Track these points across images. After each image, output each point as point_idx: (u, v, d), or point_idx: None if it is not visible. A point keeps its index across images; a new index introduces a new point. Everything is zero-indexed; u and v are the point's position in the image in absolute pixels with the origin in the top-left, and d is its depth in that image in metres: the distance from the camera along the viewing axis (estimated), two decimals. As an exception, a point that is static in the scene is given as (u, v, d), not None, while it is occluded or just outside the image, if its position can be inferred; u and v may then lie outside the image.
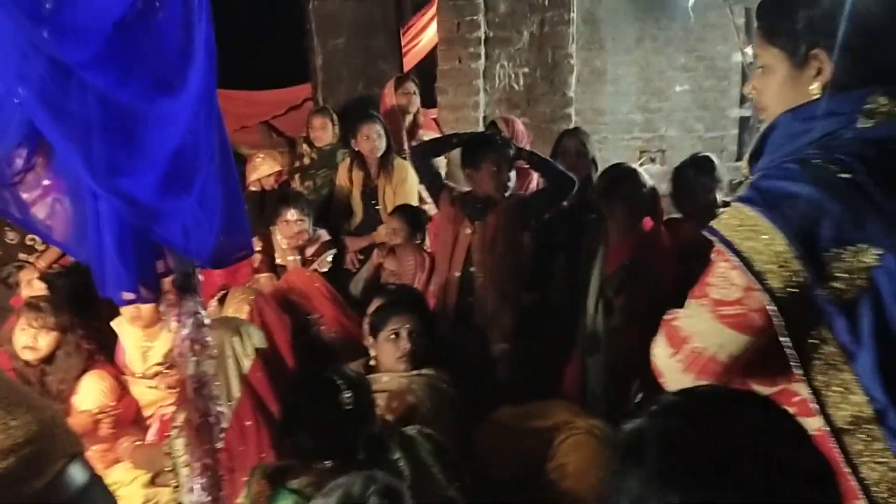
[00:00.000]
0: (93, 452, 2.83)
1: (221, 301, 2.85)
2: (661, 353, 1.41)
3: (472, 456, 2.38)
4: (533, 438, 2.43)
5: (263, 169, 4.37)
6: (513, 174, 3.29)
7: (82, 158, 1.28)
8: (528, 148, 4.05)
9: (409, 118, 4.69)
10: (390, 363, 2.54)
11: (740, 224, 1.27)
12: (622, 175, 3.17)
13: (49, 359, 2.98)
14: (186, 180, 1.44)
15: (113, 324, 3.29)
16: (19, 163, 1.50)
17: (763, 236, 1.24)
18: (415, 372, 2.51)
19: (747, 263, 1.24)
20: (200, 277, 1.64)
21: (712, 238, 1.31)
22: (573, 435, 2.41)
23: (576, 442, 2.40)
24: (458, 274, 3.19)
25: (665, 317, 1.42)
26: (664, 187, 3.45)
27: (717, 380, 1.33)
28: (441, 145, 3.59)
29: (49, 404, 1.30)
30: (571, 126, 4.86)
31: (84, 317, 3.55)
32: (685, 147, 8.07)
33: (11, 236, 3.94)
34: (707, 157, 3.36)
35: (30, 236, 3.82)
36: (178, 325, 1.62)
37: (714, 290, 1.31)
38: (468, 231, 3.21)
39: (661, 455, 0.86)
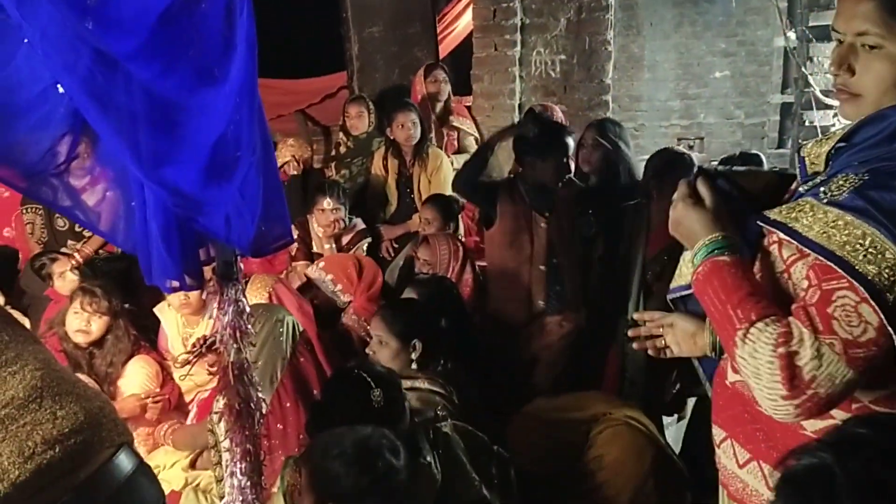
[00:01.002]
0: (137, 436, 2.90)
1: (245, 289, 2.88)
2: (767, 391, 1.19)
3: (505, 450, 2.37)
4: (569, 430, 2.42)
5: (283, 153, 4.39)
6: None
7: (128, 149, 1.30)
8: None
9: (439, 106, 4.68)
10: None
11: (854, 241, 1.10)
12: (675, 158, 3.14)
13: (99, 342, 3.05)
14: (229, 171, 1.45)
15: (156, 310, 3.36)
16: (64, 152, 1.53)
17: (888, 256, 1.07)
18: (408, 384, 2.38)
19: (877, 297, 1.07)
20: (241, 265, 1.66)
21: (816, 254, 1.14)
22: (610, 426, 2.40)
23: (613, 433, 2.39)
24: (543, 267, 3.19)
25: (779, 349, 1.18)
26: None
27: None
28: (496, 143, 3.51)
29: (97, 394, 1.31)
30: (608, 113, 4.82)
31: (129, 303, 3.64)
32: (724, 134, 7.96)
33: (61, 223, 4.02)
34: (756, 154, 3.32)
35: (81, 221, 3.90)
36: (219, 313, 1.65)
37: (841, 327, 1.13)
38: (543, 224, 3.22)
39: (858, 499, 0.77)
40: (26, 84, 1.51)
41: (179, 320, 3.29)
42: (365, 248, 3.92)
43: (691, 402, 3.12)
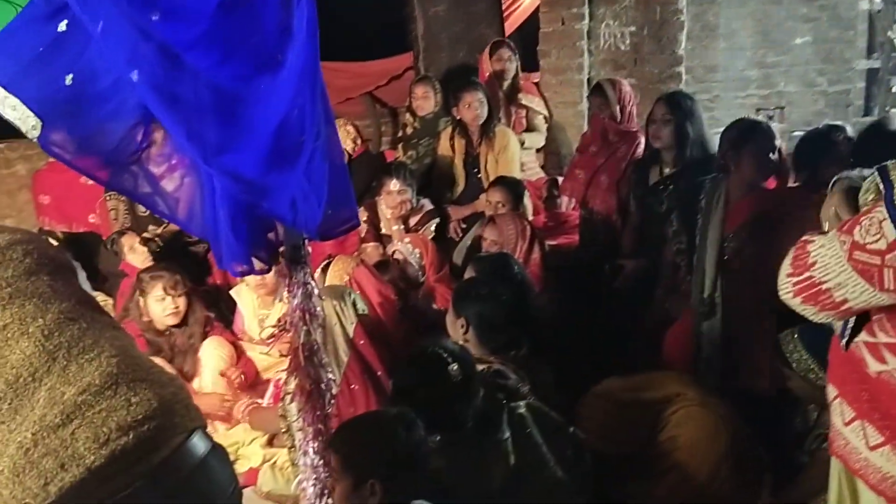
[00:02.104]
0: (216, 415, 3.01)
1: (325, 270, 2.93)
2: (783, 269, 1.45)
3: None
4: (641, 411, 2.38)
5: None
6: None
7: (188, 137, 1.33)
8: (634, 110, 3.95)
9: (506, 84, 4.62)
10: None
11: None
12: (751, 127, 3.02)
13: (178, 324, 3.17)
14: (292, 155, 1.47)
15: (232, 292, 3.46)
16: (137, 141, 1.58)
17: None
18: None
19: None
20: (309, 249, 1.68)
21: (879, 181, 1.31)
22: (685, 407, 2.35)
23: (687, 414, 2.34)
24: None
25: (804, 236, 1.45)
26: (783, 147, 3.25)
27: (820, 313, 1.39)
28: None
29: (171, 380, 1.34)
30: (681, 86, 4.67)
31: (205, 284, 3.77)
32: (806, 103, 7.61)
33: (143, 209, 4.17)
34: (841, 125, 3.17)
35: (160, 207, 4.03)
36: (288, 296, 1.68)
37: (860, 231, 1.30)
38: None
39: None
40: (100, 74, 1.56)
41: (255, 301, 3.38)
42: (433, 228, 3.93)
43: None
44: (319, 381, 1.73)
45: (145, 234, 3.93)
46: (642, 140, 3.71)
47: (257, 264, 1.58)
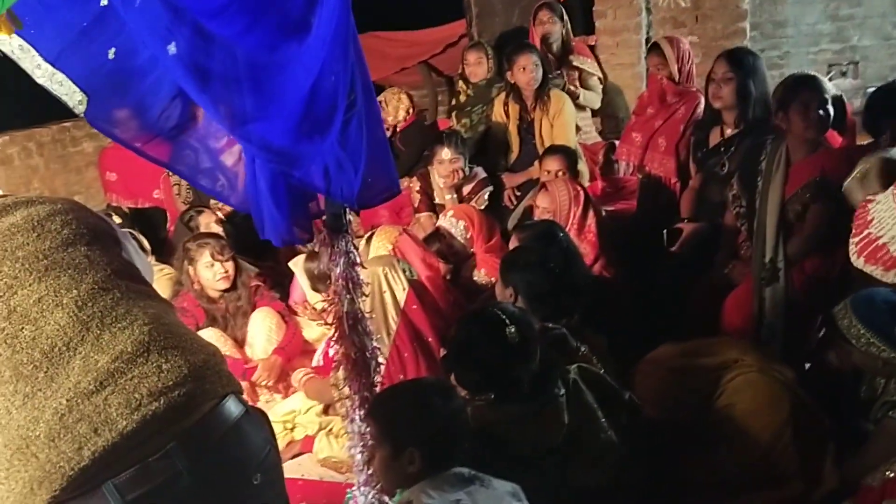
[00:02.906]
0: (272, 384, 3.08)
1: (368, 241, 2.93)
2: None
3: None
4: (697, 377, 2.32)
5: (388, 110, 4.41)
6: None
7: (215, 107, 1.33)
8: (693, 69, 3.80)
9: (555, 46, 4.51)
10: None
11: None
12: (799, 81, 2.87)
13: (227, 289, 3.26)
14: (324, 124, 1.45)
15: (291, 264, 3.50)
16: (175, 115, 1.59)
17: None
18: None
19: None
20: (350, 218, 1.68)
21: None
22: (743, 374, 2.28)
23: (746, 381, 2.27)
24: None
25: (867, 196, 1.49)
26: (857, 104, 3.07)
27: (888, 272, 1.43)
28: None
29: (203, 347, 1.36)
30: (745, 42, 4.47)
31: (262, 257, 3.84)
32: (882, 57, 7.21)
33: (204, 183, 4.25)
34: None
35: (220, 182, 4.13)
36: (331, 264, 1.68)
37: None
38: None
39: None
40: (139, 49, 1.58)
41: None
42: (486, 196, 3.89)
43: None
44: (364, 349, 1.74)
45: (219, 214, 4.02)
46: (702, 100, 3.58)
47: (298, 234, 1.59)
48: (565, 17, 4.61)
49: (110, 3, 1.57)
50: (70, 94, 1.66)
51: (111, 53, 1.63)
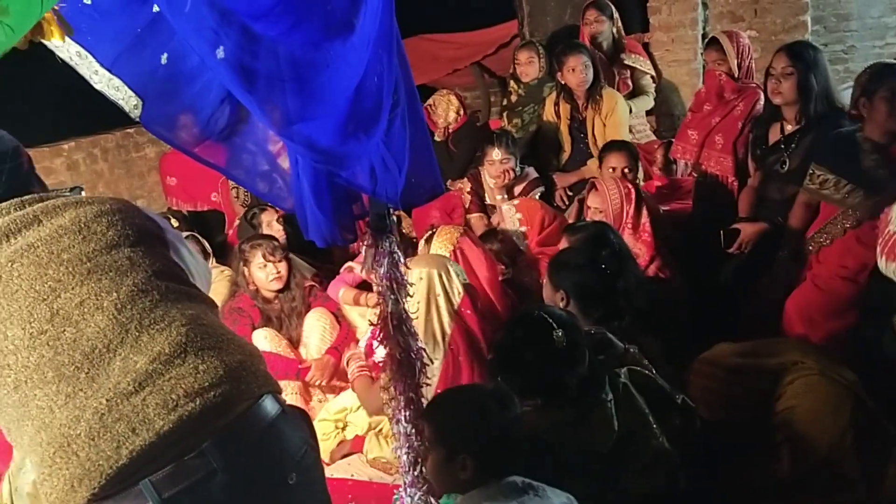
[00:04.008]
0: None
1: (428, 241, 2.93)
2: None
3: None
4: (754, 378, 2.26)
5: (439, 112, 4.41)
6: None
7: (262, 109, 1.34)
8: (752, 64, 3.70)
9: (604, 45, 4.46)
10: None
11: None
12: (885, 70, 2.78)
13: (285, 287, 3.30)
14: (370, 123, 1.46)
15: (352, 264, 3.53)
16: (224, 117, 1.62)
17: None
18: None
19: None
20: (395, 218, 1.68)
21: None
22: (804, 376, 2.21)
23: (807, 384, 2.19)
24: None
25: None
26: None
27: None
28: None
29: (241, 348, 1.37)
30: (807, 36, 4.33)
31: (319, 258, 3.88)
32: (951, 49, 6.90)
33: (263, 185, 4.32)
34: None
35: (278, 185, 4.18)
36: (375, 265, 1.68)
37: None
38: None
39: None
40: (189, 53, 1.61)
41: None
42: (538, 196, 3.86)
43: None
44: (409, 349, 1.73)
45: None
46: (762, 96, 3.47)
47: (342, 235, 1.59)
48: (615, 15, 4.54)
49: (161, 9, 1.61)
50: (126, 98, 1.70)
51: (164, 59, 1.66)
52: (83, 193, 1.50)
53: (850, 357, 2.45)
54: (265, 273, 3.22)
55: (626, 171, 3.48)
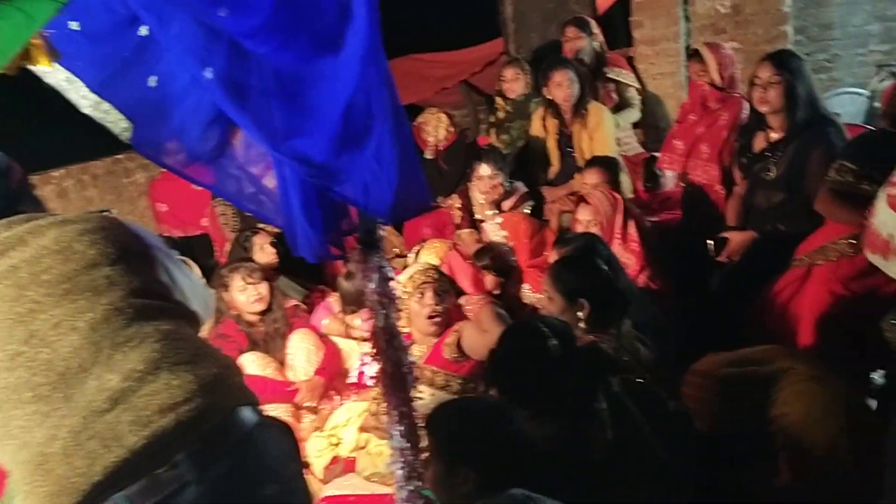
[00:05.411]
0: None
1: (417, 255, 2.94)
2: None
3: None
4: (747, 386, 2.25)
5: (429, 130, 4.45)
6: None
7: (256, 127, 1.35)
8: (736, 74, 3.74)
9: (586, 59, 4.50)
10: None
11: None
12: None
13: (264, 312, 3.29)
14: (361, 138, 1.47)
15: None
16: (215, 136, 1.63)
17: None
18: None
19: None
20: (383, 233, 1.69)
21: None
22: (795, 382, 2.20)
23: (798, 391, 2.19)
24: None
25: None
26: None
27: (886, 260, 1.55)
28: None
29: (216, 362, 1.37)
30: (789, 45, 4.39)
31: (310, 278, 3.88)
32: (934, 56, 6.98)
33: (250, 208, 4.32)
34: None
35: (266, 205, 4.17)
36: (365, 280, 1.69)
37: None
38: None
39: None
40: (178, 74, 1.62)
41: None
42: (528, 211, 3.88)
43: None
44: (400, 364, 1.73)
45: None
46: (746, 105, 3.51)
47: (332, 251, 1.60)
48: (595, 30, 4.59)
49: (150, 32, 1.63)
50: (116, 122, 1.71)
51: (152, 81, 1.68)
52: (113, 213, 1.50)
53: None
54: (246, 296, 3.21)
55: (596, 185, 3.48)
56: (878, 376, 2.80)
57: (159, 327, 1.33)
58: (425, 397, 2.56)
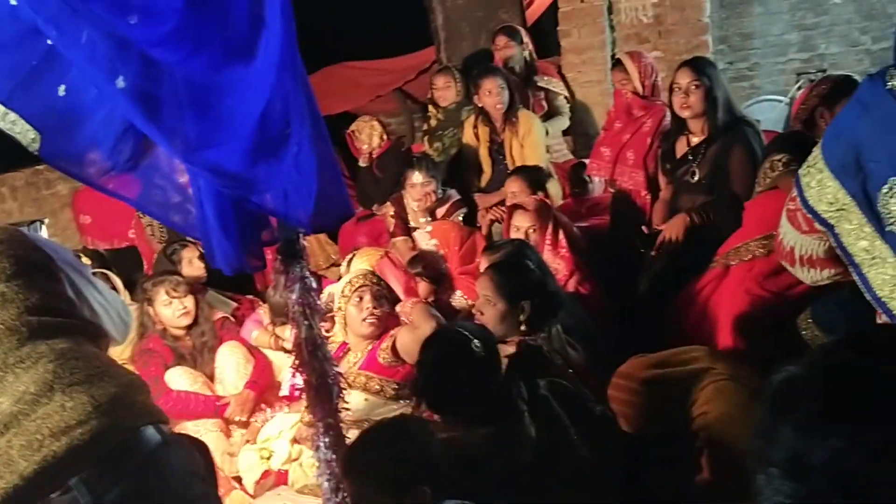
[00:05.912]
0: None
1: (349, 263, 2.92)
2: None
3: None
4: (669, 388, 2.30)
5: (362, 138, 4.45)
6: None
7: (166, 137, 1.32)
8: (658, 82, 3.84)
9: (516, 68, 4.56)
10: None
11: None
12: (846, 81, 3.07)
13: (190, 326, 3.22)
14: (278, 147, 1.45)
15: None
16: (128, 148, 1.59)
17: None
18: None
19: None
20: (304, 243, 1.67)
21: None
22: (714, 381, 2.26)
23: (717, 389, 2.25)
24: None
25: None
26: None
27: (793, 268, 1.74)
28: None
29: (114, 379, 1.32)
30: (709, 54, 4.53)
31: (240, 290, 3.81)
32: (850, 64, 7.30)
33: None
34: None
35: (192, 216, 4.08)
36: (286, 291, 1.67)
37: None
38: None
39: (824, 395, 0.83)
40: (89, 84, 1.58)
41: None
42: (461, 218, 3.90)
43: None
44: (325, 375, 1.72)
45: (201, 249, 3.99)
46: (668, 112, 3.61)
47: (250, 262, 1.58)
48: (526, 39, 4.65)
49: (54, 42, 1.58)
50: (23, 132, 1.65)
51: (61, 90, 1.63)
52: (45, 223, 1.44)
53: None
54: (171, 310, 3.13)
55: (514, 194, 3.52)
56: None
57: (55, 346, 1.28)
58: (360, 403, 2.55)
